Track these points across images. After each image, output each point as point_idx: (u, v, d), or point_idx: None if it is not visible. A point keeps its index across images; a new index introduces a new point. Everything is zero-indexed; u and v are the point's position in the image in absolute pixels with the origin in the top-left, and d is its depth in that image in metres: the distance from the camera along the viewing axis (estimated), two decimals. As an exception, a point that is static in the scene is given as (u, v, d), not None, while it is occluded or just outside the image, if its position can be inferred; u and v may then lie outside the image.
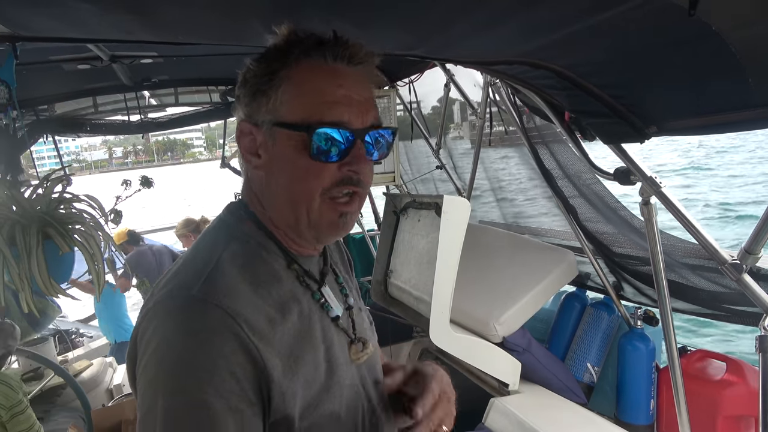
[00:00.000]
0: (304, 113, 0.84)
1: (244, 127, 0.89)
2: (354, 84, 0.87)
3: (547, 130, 2.53)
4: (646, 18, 1.12)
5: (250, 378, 0.76)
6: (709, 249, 1.66)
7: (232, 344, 0.75)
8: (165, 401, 0.73)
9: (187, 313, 0.77)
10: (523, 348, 2.54)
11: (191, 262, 0.87)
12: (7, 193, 1.57)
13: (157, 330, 0.77)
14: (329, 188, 0.86)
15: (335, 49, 0.86)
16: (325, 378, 0.87)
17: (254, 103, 0.88)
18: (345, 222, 0.90)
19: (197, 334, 0.75)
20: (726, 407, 2.19)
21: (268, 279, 0.86)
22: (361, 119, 0.87)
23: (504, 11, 1.24)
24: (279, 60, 0.86)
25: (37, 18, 1.23)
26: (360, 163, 0.86)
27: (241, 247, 0.88)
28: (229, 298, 0.78)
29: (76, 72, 2.69)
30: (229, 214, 0.95)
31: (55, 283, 1.56)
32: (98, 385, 3.68)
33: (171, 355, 0.75)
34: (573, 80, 1.54)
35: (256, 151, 0.89)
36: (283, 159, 0.86)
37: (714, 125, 1.35)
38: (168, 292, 0.81)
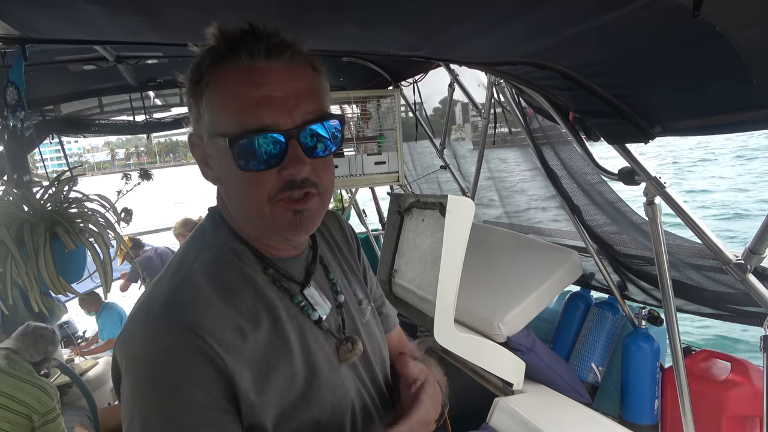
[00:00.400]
0: (227, 123, 0.79)
1: (193, 139, 0.86)
2: (277, 80, 0.79)
3: (551, 131, 2.53)
4: (651, 18, 1.13)
5: (220, 388, 0.76)
6: (713, 249, 1.66)
7: (196, 358, 0.75)
8: (141, 421, 0.74)
9: (153, 330, 0.77)
10: (528, 348, 2.54)
11: (165, 273, 0.86)
12: (17, 193, 1.58)
13: (130, 345, 0.79)
14: (275, 194, 0.81)
15: (249, 45, 0.78)
16: (303, 385, 0.85)
17: (192, 114, 0.84)
18: (303, 219, 0.83)
19: (163, 350, 0.76)
20: (731, 407, 2.19)
21: (240, 287, 0.85)
22: (290, 117, 0.79)
23: (509, 12, 1.24)
24: (199, 70, 0.81)
25: (46, 20, 1.24)
26: (297, 164, 0.79)
27: (215, 254, 0.87)
28: (193, 312, 0.78)
29: (81, 72, 2.71)
30: (207, 221, 0.94)
31: (63, 281, 1.57)
32: (104, 384, 3.70)
33: (140, 377, 0.76)
34: (577, 80, 1.54)
35: (208, 163, 0.86)
36: (225, 171, 0.83)
37: (718, 125, 1.35)
38: (140, 306, 0.82)
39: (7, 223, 1.56)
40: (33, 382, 2.52)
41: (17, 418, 2.40)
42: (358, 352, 0.94)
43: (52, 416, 2.51)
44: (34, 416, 2.44)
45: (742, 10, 0.99)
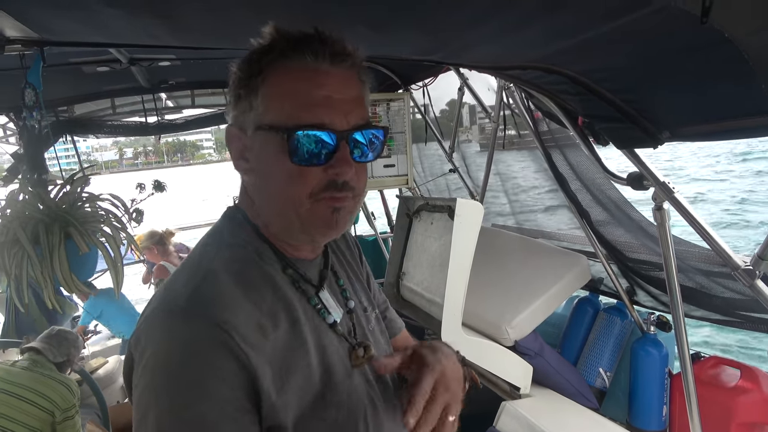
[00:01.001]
0: (284, 116, 0.81)
1: (231, 131, 0.88)
2: (337, 84, 0.83)
3: (560, 134, 2.53)
4: (660, 24, 1.13)
5: (243, 385, 0.75)
6: (722, 255, 1.66)
7: (221, 353, 0.74)
8: (159, 415, 0.72)
9: (176, 325, 0.76)
10: (535, 352, 2.54)
11: (185, 270, 0.86)
12: (32, 192, 1.61)
13: (149, 341, 0.77)
14: (317, 192, 0.83)
15: (315, 47, 0.82)
16: (320, 387, 0.84)
17: (239, 107, 0.86)
18: (338, 219, 0.85)
19: (186, 345, 0.74)
20: (740, 414, 2.18)
21: (261, 285, 0.85)
22: (345, 120, 0.82)
23: (520, 18, 1.25)
24: (258, 62, 0.83)
25: (64, 22, 1.26)
26: (344, 165, 0.82)
27: (236, 252, 0.87)
28: (218, 307, 0.77)
29: (95, 74, 2.74)
30: (227, 220, 0.94)
31: (76, 280, 1.60)
32: (113, 382, 3.73)
33: (162, 368, 0.74)
34: (587, 85, 1.54)
35: (244, 156, 0.88)
36: (268, 164, 0.84)
37: (727, 131, 1.35)
38: (159, 303, 0.81)
39: (23, 222, 1.59)
40: (57, 378, 2.59)
41: (41, 413, 2.46)
42: (367, 359, 0.95)
43: (72, 413, 2.57)
44: (57, 412, 2.50)
45: (750, 16, 0.99)
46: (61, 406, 2.53)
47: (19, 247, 1.54)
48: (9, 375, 2.53)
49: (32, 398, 2.47)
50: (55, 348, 2.71)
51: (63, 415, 2.53)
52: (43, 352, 2.66)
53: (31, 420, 2.44)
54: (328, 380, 0.86)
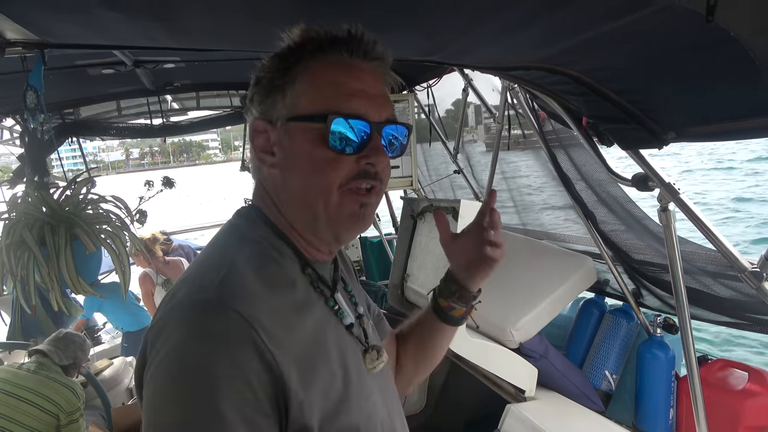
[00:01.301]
0: (322, 104, 0.83)
1: (258, 125, 0.88)
2: (369, 78, 0.86)
3: (564, 134, 2.51)
4: (664, 24, 1.12)
5: (266, 387, 0.72)
6: (728, 256, 1.64)
7: (248, 351, 0.72)
8: (176, 410, 0.70)
9: (203, 318, 0.74)
10: (540, 354, 2.53)
11: (205, 266, 0.84)
12: (36, 195, 1.61)
13: (171, 335, 0.74)
14: (347, 182, 0.84)
15: (350, 44, 0.85)
16: (342, 388, 0.83)
17: (269, 99, 0.87)
18: (365, 214, 0.87)
19: (212, 340, 0.72)
20: (747, 418, 2.15)
21: (282, 283, 0.84)
22: (378, 113, 0.86)
23: (523, 17, 1.24)
24: (294, 56, 0.86)
25: (65, 25, 1.26)
26: (378, 155, 0.85)
27: (256, 249, 0.86)
28: (246, 303, 0.75)
29: (100, 76, 2.74)
30: (241, 218, 0.93)
31: (83, 282, 1.60)
32: (118, 384, 3.74)
33: (184, 362, 0.72)
34: (590, 85, 1.53)
35: (271, 149, 0.87)
36: (300, 154, 0.84)
37: (733, 132, 1.33)
38: (183, 297, 0.78)
39: (28, 224, 1.59)
40: (62, 381, 2.61)
41: (46, 416, 2.48)
42: (384, 361, 0.95)
43: (76, 416, 2.59)
44: (62, 415, 2.52)
45: (757, 15, 0.97)
46: (66, 409, 2.54)
47: (26, 248, 1.54)
48: (15, 378, 2.54)
49: (37, 401, 2.48)
50: (62, 351, 2.73)
51: (67, 419, 2.54)
52: (49, 354, 2.68)
53: (35, 423, 2.45)
54: (348, 383, 0.85)
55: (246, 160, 4.41)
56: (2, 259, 1.59)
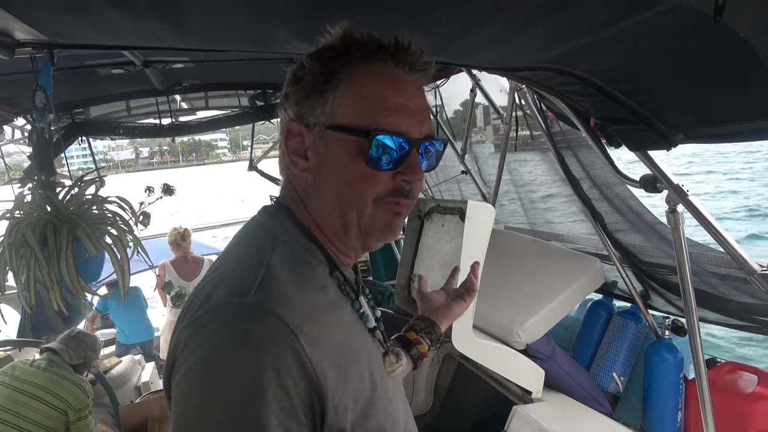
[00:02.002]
0: (364, 118, 0.81)
1: (293, 127, 0.86)
2: (413, 92, 0.85)
3: (572, 135, 2.50)
4: (672, 25, 1.11)
5: (301, 394, 0.71)
6: (737, 259, 1.62)
7: (287, 357, 0.71)
8: (211, 415, 0.68)
9: (244, 323, 0.72)
10: (547, 356, 2.51)
11: (238, 267, 0.83)
12: (41, 194, 1.63)
13: (210, 337, 0.72)
14: (381, 197, 0.84)
15: (397, 54, 0.83)
16: (370, 391, 0.83)
17: (307, 102, 0.84)
18: (396, 224, 0.88)
19: (252, 344, 0.70)
20: (756, 421, 2.13)
21: (316, 285, 0.84)
22: (419, 129, 0.84)
23: (529, 17, 1.23)
24: (338, 61, 0.83)
25: (73, 26, 1.27)
26: (415, 173, 0.84)
27: (288, 250, 0.84)
28: (285, 306, 0.74)
29: (110, 76, 2.76)
30: (269, 216, 0.91)
31: (83, 283, 1.61)
32: (126, 382, 3.76)
33: (224, 366, 0.70)
34: (598, 86, 1.52)
35: (305, 153, 0.86)
36: (336, 163, 0.83)
37: (742, 133, 1.32)
38: (222, 298, 0.76)
39: (31, 224, 1.60)
40: (71, 379, 2.64)
41: (55, 413, 2.51)
42: (402, 365, 0.96)
43: (85, 413, 2.61)
44: (70, 412, 2.55)
45: (766, 16, 0.96)
46: (74, 406, 2.57)
47: (27, 248, 1.55)
48: (24, 374, 2.57)
49: (46, 398, 2.51)
50: (73, 350, 2.76)
51: (76, 415, 2.57)
52: (60, 353, 2.71)
53: (45, 419, 2.48)
54: (374, 385, 0.85)
55: (254, 160, 4.43)
56: (4, 258, 1.60)
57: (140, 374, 4.03)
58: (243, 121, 3.95)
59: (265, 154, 4.77)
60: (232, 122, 3.99)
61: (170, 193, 2.00)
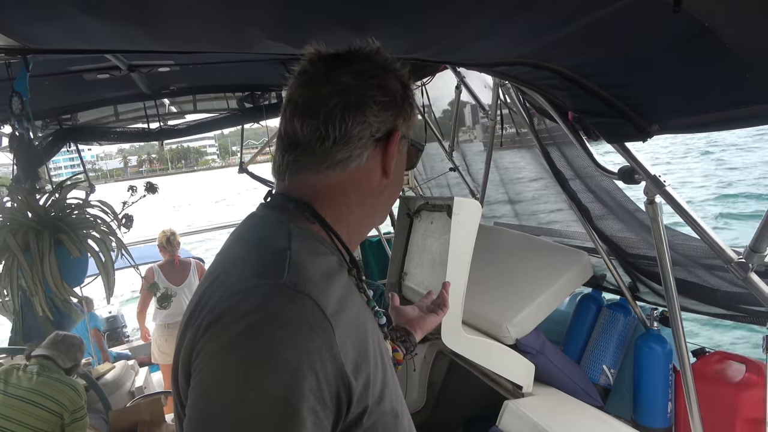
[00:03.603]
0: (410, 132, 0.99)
1: (397, 136, 0.94)
2: None
3: (557, 131, 2.51)
4: (640, 17, 1.12)
5: (329, 378, 0.71)
6: (714, 248, 1.63)
7: (319, 339, 0.71)
8: (235, 394, 0.67)
9: (277, 302, 0.72)
10: (537, 350, 2.52)
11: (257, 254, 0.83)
12: (21, 199, 1.63)
13: (238, 319, 0.71)
14: None
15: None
16: (382, 374, 0.84)
17: (401, 113, 0.94)
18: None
19: (286, 324, 0.70)
20: (744, 410, 2.14)
21: (334, 274, 0.85)
22: None
23: (503, 14, 1.24)
24: (408, 90, 0.97)
25: (45, 31, 1.27)
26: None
27: (304, 240, 0.85)
28: (317, 289, 0.75)
29: (96, 82, 2.76)
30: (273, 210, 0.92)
31: (67, 287, 1.61)
32: (120, 388, 3.76)
33: (250, 346, 0.69)
34: (574, 80, 1.53)
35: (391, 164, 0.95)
36: (399, 171, 0.98)
37: (716, 122, 1.33)
38: (248, 281, 0.76)
39: (12, 229, 1.60)
40: (65, 381, 2.66)
41: (50, 416, 2.52)
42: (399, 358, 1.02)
43: (80, 414, 2.63)
44: (65, 414, 2.56)
45: (726, 5, 0.97)
46: (70, 408, 2.58)
47: (9, 253, 1.55)
48: (17, 380, 2.58)
49: (42, 402, 2.53)
50: (64, 354, 2.77)
51: (71, 417, 2.59)
52: (53, 358, 2.71)
53: (40, 423, 2.49)
54: (385, 369, 0.87)
55: (244, 163, 4.41)
56: None
57: (134, 379, 4.02)
58: (232, 123, 3.95)
59: (254, 156, 4.77)
60: (222, 125, 3.99)
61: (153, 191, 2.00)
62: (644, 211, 2.25)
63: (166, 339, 4.71)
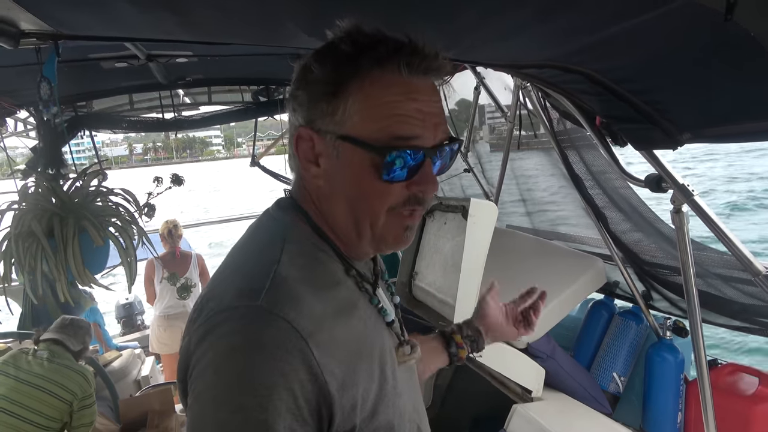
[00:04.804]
0: (377, 131, 0.79)
1: (304, 133, 0.84)
2: (428, 96, 0.81)
3: (576, 134, 2.49)
4: (682, 22, 1.10)
5: (308, 397, 0.72)
6: (742, 260, 1.62)
7: (295, 361, 0.71)
8: (220, 416, 0.69)
9: (253, 325, 0.73)
10: (548, 355, 2.51)
11: (248, 265, 0.83)
12: (47, 185, 1.62)
13: (222, 339, 0.73)
14: (397, 207, 0.83)
15: (411, 59, 0.78)
16: (379, 388, 0.83)
17: (316, 109, 0.82)
18: (408, 235, 0.87)
19: (262, 348, 0.71)
20: (757, 424, 2.13)
21: (328, 283, 0.83)
22: (434, 134, 0.81)
23: (537, 14, 1.23)
24: (348, 67, 0.80)
25: (79, 16, 1.26)
26: (428, 183, 0.82)
27: (299, 248, 0.84)
28: (295, 310, 0.74)
29: (113, 70, 2.76)
30: (281, 212, 0.90)
31: (89, 273, 1.61)
32: (126, 376, 3.76)
33: (231, 369, 0.71)
34: (605, 85, 1.51)
35: (316, 160, 0.84)
36: (349, 174, 0.82)
37: (749, 133, 1.31)
38: (233, 300, 0.76)
39: (37, 215, 1.60)
40: (75, 368, 2.67)
41: (60, 404, 2.53)
42: (417, 356, 0.95)
43: (89, 401, 2.64)
44: (75, 402, 2.58)
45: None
46: (79, 395, 2.60)
47: (34, 239, 1.55)
48: (29, 366, 2.58)
49: (52, 389, 2.53)
50: (73, 338, 2.78)
51: (80, 404, 2.60)
52: (63, 342, 2.72)
53: (49, 409, 2.49)
54: (384, 381, 0.85)
55: (255, 156, 4.41)
56: (10, 249, 1.60)
57: (140, 368, 4.03)
58: (246, 116, 3.95)
59: (267, 150, 4.76)
60: (235, 118, 3.98)
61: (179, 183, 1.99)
62: (662, 220, 2.26)
63: (165, 329, 4.72)
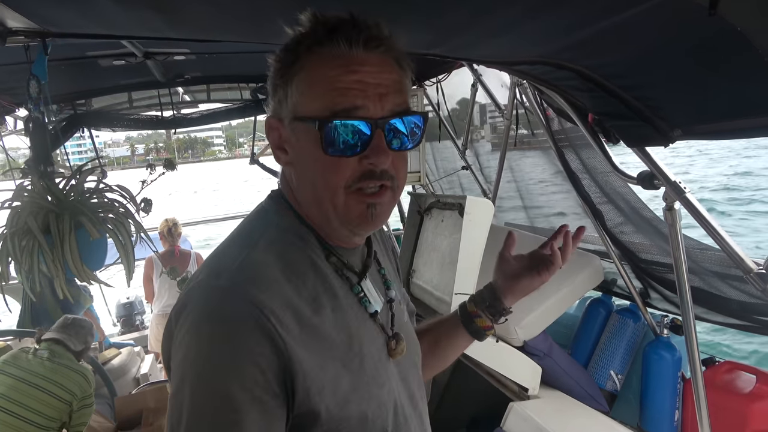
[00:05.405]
0: (316, 106, 0.80)
1: (271, 122, 0.88)
2: (371, 70, 0.80)
3: (573, 133, 2.48)
4: (670, 18, 1.10)
5: (274, 369, 0.75)
6: (734, 257, 1.61)
7: (257, 335, 0.74)
8: (191, 387, 0.74)
9: (214, 303, 0.77)
10: (545, 353, 2.51)
11: (227, 248, 0.87)
12: (42, 184, 1.63)
13: (190, 314, 0.78)
14: (352, 183, 0.82)
15: (349, 34, 0.80)
16: (353, 377, 0.84)
17: (276, 97, 0.86)
18: (375, 213, 0.85)
19: (222, 324, 0.75)
20: (754, 421, 2.13)
21: (303, 270, 0.85)
22: (380, 105, 0.81)
23: (527, 11, 1.22)
24: (293, 51, 0.82)
25: (64, 14, 1.26)
26: (379, 155, 0.81)
27: (280, 235, 0.87)
28: (257, 288, 0.77)
29: (111, 68, 2.76)
30: (271, 201, 0.94)
31: (87, 269, 1.62)
32: (125, 374, 3.76)
33: (197, 344, 0.76)
34: (596, 81, 1.50)
35: (283, 147, 0.88)
36: (305, 155, 0.84)
37: (740, 130, 1.30)
38: (203, 278, 0.82)
39: (33, 212, 1.61)
40: (75, 368, 2.66)
41: (59, 404, 2.53)
42: (401, 351, 0.95)
43: (88, 401, 2.64)
44: (75, 402, 2.57)
45: (763, 11, 0.95)
46: (79, 395, 2.59)
47: (30, 236, 1.56)
48: (29, 365, 2.58)
49: (51, 389, 2.53)
50: (74, 337, 2.77)
51: (80, 404, 2.59)
52: (64, 342, 2.71)
53: (48, 409, 2.49)
54: (361, 371, 0.86)
55: (255, 154, 4.42)
56: (7, 247, 1.60)
57: (139, 365, 4.03)
58: (245, 114, 3.94)
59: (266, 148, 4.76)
60: (235, 115, 3.98)
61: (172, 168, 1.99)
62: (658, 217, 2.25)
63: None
